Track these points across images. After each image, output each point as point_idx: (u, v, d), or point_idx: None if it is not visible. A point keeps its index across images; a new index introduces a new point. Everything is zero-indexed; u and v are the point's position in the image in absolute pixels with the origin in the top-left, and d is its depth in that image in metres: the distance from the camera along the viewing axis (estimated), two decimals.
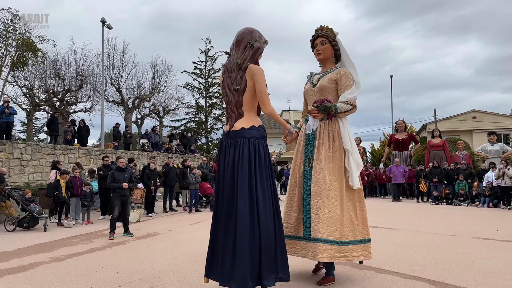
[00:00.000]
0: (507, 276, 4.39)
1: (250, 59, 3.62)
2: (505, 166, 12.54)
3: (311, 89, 4.48)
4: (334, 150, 4.16)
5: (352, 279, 4.34)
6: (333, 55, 4.47)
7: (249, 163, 3.46)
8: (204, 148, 38.19)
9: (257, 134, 3.60)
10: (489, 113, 37.47)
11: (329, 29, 4.43)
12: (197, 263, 5.26)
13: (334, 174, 4.08)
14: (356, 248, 4.02)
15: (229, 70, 3.72)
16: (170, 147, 19.78)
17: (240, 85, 3.60)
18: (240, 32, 3.78)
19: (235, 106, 3.66)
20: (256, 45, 3.67)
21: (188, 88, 38.98)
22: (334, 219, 3.94)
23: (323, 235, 3.88)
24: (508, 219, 9.62)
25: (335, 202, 3.99)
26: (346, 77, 4.24)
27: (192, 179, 12.24)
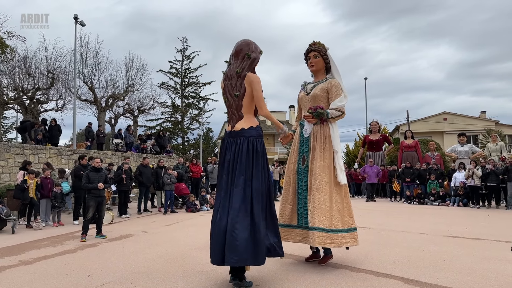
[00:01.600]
0: (476, 273, 4.51)
1: (248, 68, 4.15)
2: (474, 167, 12.94)
3: (305, 96, 5.13)
4: (325, 150, 4.81)
5: (326, 277, 4.37)
6: (324, 67, 5.14)
7: (247, 157, 3.97)
8: (180, 148, 37.84)
9: (255, 133, 4.12)
10: (459, 115, 38.67)
11: (321, 44, 5.10)
12: (171, 264, 5.18)
13: (324, 171, 4.72)
14: (344, 236, 4.66)
15: (229, 77, 4.24)
16: (145, 147, 19.47)
17: (239, 91, 4.12)
18: (238, 44, 4.30)
19: (235, 109, 4.19)
20: (253, 55, 4.20)
21: (164, 88, 38.59)
22: (324, 210, 4.59)
23: (315, 224, 4.56)
24: (477, 218, 9.92)
25: (325, 195, 4.63)
26: (336, 87, 4.92)
27: (167, 179, 12.08)
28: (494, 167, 12.47)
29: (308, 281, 4.25)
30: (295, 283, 4.20)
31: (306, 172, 4.88)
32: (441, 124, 37.63)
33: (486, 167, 12.65)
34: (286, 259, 5.29)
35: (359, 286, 4.09)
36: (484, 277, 4.34)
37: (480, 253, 5.55)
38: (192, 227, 8.91)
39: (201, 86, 40.13)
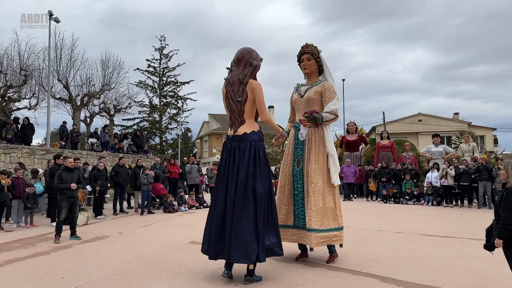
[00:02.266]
0: (449, 270, 4.62)
1: (250, 75, 4.36)
2: (447, 167, 13.27)
3: (299, 99, 5.21)
4: (319, 153, 4.95)
5: (304, 276, 4.39)
6: (317, 70, 5.21)
7: (250, 162, 4.21)
8: (158, 148, 37.40)
9: (256, 138, 4.36)
10: (433, 116, 39.63)
11: (314, 47, 5.16)
12: (148, 266, 5.10)
13: (318, 173, 4.87)
14: (337, 234, 4.89)
15: (231, 83, 4.42)
16: (122, 147, 19.13)
17: (242, 97, 4.32)
18: (240, 51, 4.50)
19: (238, 114, 4.39)
20: (254, 63, 4.43)
21: (141, 86, 38.09)
22: (318, 211, 4.76)
23: (312, 225, 4.71)
24: (450, 217, 10.17)
25: (319, 197, 4.79)
26: (330, 90, 5.01)
27: (144, 179, 11.90)
28: (467, 167, 12.81)
29: (286, 280, 4.26)
30: (273, 282, 4.20)
31: (302, 174, 4.99)
32: (416, 125, 38.46)
33: (459, 167, 12.99)
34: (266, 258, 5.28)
35: (336, 284, 4.13)
36: (457, 274, 4.45)
37: (453, 251, 5.69)
38: (169, 228, 8.80)
39: (179, 85, 39.80)
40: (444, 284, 4.08)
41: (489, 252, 3.45)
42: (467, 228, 7.88)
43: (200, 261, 5.23)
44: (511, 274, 3.30)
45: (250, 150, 4.26)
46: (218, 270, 4.75)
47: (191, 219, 10.33)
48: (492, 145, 38.87)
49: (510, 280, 3.47)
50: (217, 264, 5.04)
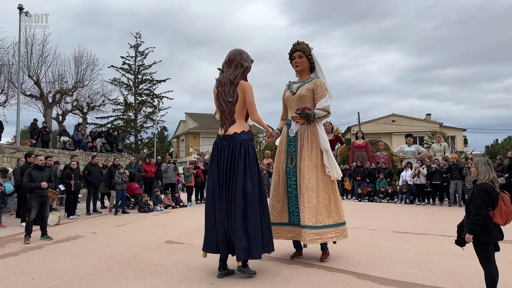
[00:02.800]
0: (422, 266, 4.73)
1: (240, 76, 4.45)
2: (420, 166, 13.61)
3: (291, 96, 5.21)
4: (312, 149, 4.95)
5: (281, 274, 4.41)
6: (308, 67, 5.23)
7: (240, 161, 4.30)
8: (133, 147, 36.77)
9: (246, 137, 4.46)
10: (406, 117, 40.55)
11: (305, 44, 5.18)
12: (122, 266, 5.01)
13: (311, 170, 4.87)
14: (330, 231, 4.84)
15: (222, 84, 4.50)
16: (95, 146, 18.70)
17: (233, 98, 4.42)
18: (231, 53, 4.58)
19: (228, 114, 4.47)
20: (245, 64, 4.51)
21: (115, 84, 37.30)
22: (311, 208, 4.76)
23: (305, 222, 4.71)
24: (422, 214, 10.43)
25: (312, 194, 4.79)
26: (321, 87, 5.05)
27: (118, 179, 11.68)
28: (438, 167, 13.16)
29: (263, 278, 4.26)
30: (249, 281, 4.20)
31: (295, 171, 4.99)
32: (389, 125, 39.27)
33: (431, 167, 13.33)
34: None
35: (312, 281, 4.16)
36: (429, 269, 4.56)
37: (425, 247, 5.83)
38: (144, 227, 8.67)
39: (155, 83, 39.21)
40: (417, 279, 4.17)
41: (460, 247, 3.54)
42: (439, 225, 8.10)
43: (176, 261, 5.17)
44: (481, 268, 3.40)
45: (240, 150, 4.34)
46: (194, 269, 4.72)
47: (167, 219, 10.21)
48: (462, 145, 40.14)
49: (479, 274, 3.59)
50: (193, 264, 5.00)
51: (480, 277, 3.46)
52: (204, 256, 4.57)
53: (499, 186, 3.50)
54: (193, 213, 11.34)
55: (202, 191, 15.36)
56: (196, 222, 9.06)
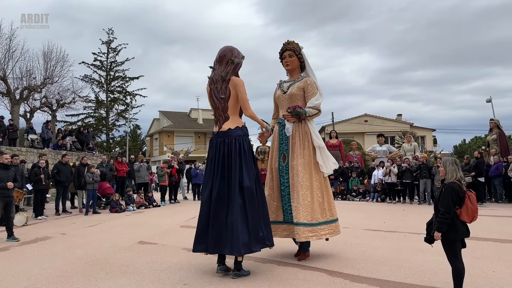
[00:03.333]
0: (392, 263, 4.84)
1: (232, 73, 4.46)
2: (391, 165, 13.92)
3: (282, 95, 5.26)
4: (304, 147, 5.00)
5: (255, 272, 4.41)
6: (299, 66, 5.28)
7: (236, 156, 4.31)
8: (105, 146, 36.00)
9: (241, 133, 4.46)
10: (378, 117, 41.42)
11: (295, 43, 5.23)
12: (93, 267, 4.89)
13: (304, 167, 4.93)
14: (323, 228, 4.90)
15: (214, 81, 4.52)
16: (65, 144, 18.19)
17: (225, 94, 4.43)
18: (222, 50, 4.59)
19: (222, 111, 4.49)
20: (236, 60, 4.51)
21: (86, 81, 36.43)
22: (306, 205, 4.80)
23: (300, 219, 4.73)
24: (393, 212, 10.68)
25: (306, 191, 4.85)
26: (312, 86, 5.10)
27: (89, 178, 11.39)
28: (409, 166, 13.50)
29: (237, 278, 4.25)
30: (223, 280, 4.18)
31: (287, 169, 5.03)
32: (362, 125, 40.01)
33: (401, 166, 13.67)
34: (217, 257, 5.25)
35: (286, 279, 4.18)
36: (399, 266, 4.67)
37: (396, 245, 5.97)
38: (116, 228, 8.50)
39: (128, 80, 38.50)
40: (388, 276, 4.26)
41: (429, 244, 3.64)
42: (409, 223, 8.31)
43: (149, 261, 5.09)
44: (448, 264, 3.51)
45: (235, 145, 4.36)
46: (167, 270, 4.66)
47: (139, 219, 10.04)
48: (431, 145, 41.33)
49: (447, 270, 3.70)
50: (166, 264, 4.94)
51: (448, 273, 3.57)
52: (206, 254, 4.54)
53: (466, 185, 3.62)
54: (167, 213, 11.21)
55: (176, 190, 15.21)
56: (170, 222, 8.96)
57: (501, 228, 7.43)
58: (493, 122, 15.13)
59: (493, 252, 5.38)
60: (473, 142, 47.83)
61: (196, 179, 15.88)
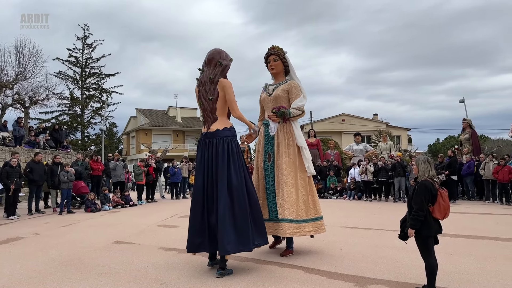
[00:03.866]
0: (368, 259, 4.93)
1: (220, 75, 4.56)
2: (367, 163, 14.15)
3: (267, 97, 5.47)
4: (289, 147, 5.21)
5: (233, 271, 4.41)
6: (283, 70, 5.52)
7: (223, 156, 4.40)
8: (80, 144, 35.22)
9: (229, 134, 4.56)
10: (355, 117, 42.05)
11: (279, 48, 5.48)
12: (67, 267, 4.79)
13: (289, 166, 5.13)
14: (307, 225, 5.10)
15: (203, 83, 4.63)
16: (38, 142, 17.71)
17: (213, 96, 4.53)
18: (210, 52, 4.70)
19: (210, 112, 4.58)
20: (224, 63, 4.62)
21: (61, 77, 35.51)
22: (291, 202, 5.00)
23: (285, 215, 4.93)
24: (369, 210, 10.86)
25: (291, 189, 5.05)
26: (296, 88, 5.34)
27: (64, 177, 11.13)
28: (384, 164, 13.76)
29: (215, 277, 4.24)
30: (201, 279, 4.17)
31: (273, 168, 5.21)
32: (339, 124, 40.52)
33: (377, 164, 13.91)
34: (194, 256, 5.23)
35: (264, 277, 4.20)
36: (375, 263, 4.76)
37: (372, 242, 6.08)
38: (91, 227, 8.34)
39: (104, 77, 37.74)
40: (364, 272, 4.34)
41: (403, 241, 3.73)
42: (384, 220, 8.46)
43: (125, 261, 5.02)
44: (422, 260, 3.59)
45: (223, 146, 4.45)
46: (144, 269, 4.61)
47: (115, 218, 9.88)
48: (406, 144, 42.20)
49: (420, 266, 3.79)
50: (143, 264, 4.88)
51: (421, 269, 3.66)
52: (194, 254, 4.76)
53: (440, 183, 3.72)
54: (144, 213, 11.07)
55: (153, 189, 15.03)
56: (147, 222, 8.86)
57: (473, 225, 7.67)
58: (465, 122, 15.59)
59: (465, 248, 5.55)
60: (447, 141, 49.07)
61: (174, 178, 15.73)
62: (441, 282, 3.79)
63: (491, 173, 12.35)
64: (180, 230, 7.50)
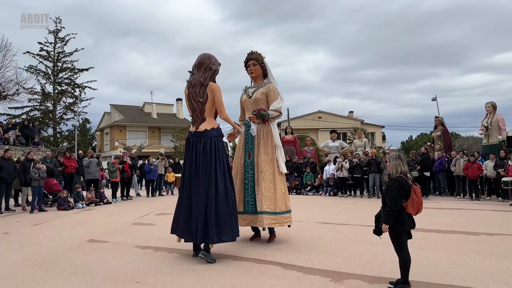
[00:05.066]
0: (343, 255, 5.00)
1: (209, 78, 4.94)
2: (343, 160, 14.36)
3: (248, 99, 5.92)
4: (267, 145, 5.67)
5: (210, 268, 4.40)
6: (262, 73, 5.98)
7: (211, 154, 4.79)
8: (52, 140, 34.29)
9: (216, 134, 4.94)
10: (331, 114, 42.58)
11: (258, 54, 5.92)
12: (39, 267, 4.66)
13: (268, 163, 5.61)
14: (286, 216, 5.66)
15: (193, 85, 4.98)
16: (7, 138, 17.11)
17: (203, 98, 4.90)
18: (200, 57, 5.06)
19: (199, 113, 4.94)
20: (213, 67, 5.00)
21: (32, 72, 34.49)
22: (269, 196, 5.49)
23: (263, 208, 5.41)
24: (345, 206, 11.02)
25: (270, 184, 5.54)
26: (274, 91, 5.82)
27: (35, 174, 10.81)
28: (359, 161, 13.99)
29: (192, 274, 4.22)
30: (178, 277, 4.13)
31: (252, 165, 5.68)
32: (316, 121, 40.94)
33: (352, 161, 14.13)
34: (171, 253, 5.19)
35: (241, 274, 4.20)
36: (350, 258, 4.84)
37: (347, 237, 6.18)
38: (64, 226, 8.13)
39: (77, 72, 36.87)
40: (339, 267, 4.40)
41: (378, 236, 3.80)
42: (359, 216, 8.62)
43: (99, 260, 4.93)
44: (396, 255, 3.68)
45: (210, 145, 4.82)
46: (119, 268, 4.54)
47: (89, 216, 9.68)
48: (381, 141, 43.07)
49: (394, 261, 3.87)
50: (118, 262, 4.81)
51: (395, 263, 3.74)
52: (178, 241, 5.06)
53: (413, 179, 3.80)
54: (118, 210, 10.88)
55: (128, 187, 14.79)
56: (122, 220, 8.72)
57: (444, 220, 7.90)
58: (437, 119, 16.00)
59: (437, 242, 5.71)
60: (419, 138, 50.35)
61: (150, 175, 15.51)
62: (414, 276, 3.88)
63: (461, 169, 12.74)
64: (156, 228, 7.41)
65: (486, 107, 14.07)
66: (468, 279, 3.95)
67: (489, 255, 4.89)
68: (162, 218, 8.73)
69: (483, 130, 14.04)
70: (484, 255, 4.92)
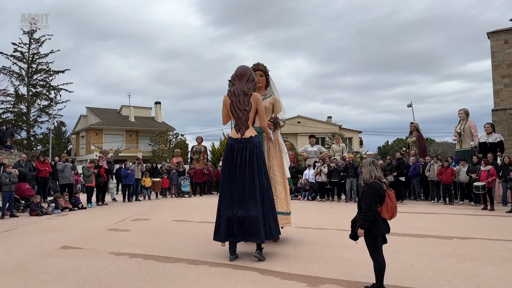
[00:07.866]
0: (320, 259, 5.04)
1: (253, 89, 5.34)
2: (321, 165, 14.48)
3: None
4: (277, 151, 6.14)
5: (187, 275, 4.36)
6: (265, 84, 6.47)
7: (258, 159, 5.19)
8: (25, 143, 33.34)
9: (258, 140, 5.38)
10: (310, 119, 42.96)
11: (264, 66, 6.50)
12: (10, 275, 4.51)
13: (278, 167, 6.08)
14: (288, 217, 6.11)
15: (236, 95, 5.28)
16: None
17: (248, 107, 5.26)
18: (242, 68, 5.43)
19: (245, 121, 5.29)
20: (255, 79, 5.43)
21: (4, 73, 33.52)
22: (282, 198, 5.98)
23: (278, 209, 5.68)
24: (322, 210, 11.11)
25: (281, 187, 6.01)
26: (279, 103, 6.38)
27: (6, 179, 10.46)
28: (337, 165, 14.13)
29: (168, 281, 4.17)
30: (153, 284, 4.08)
31: None
32: (295, 126, 41.20)
33: (330, 165, 14.26)
34: (146, 260, 5.11)
35: (218, 280, 4.17)
36: (327, 262, 4.87)
37: (324, 241, 6.22)
38: (36, 232, 7.90)
39: (52, 74, 36.02)
40: (316, 272, 4.43)
41: (354, 241, 3.85)
42: (336, 220, 8.69)
43: (73, 267, 4.81)
44: (370, 259, 3.72)
45: (256, 150, 5.20)
46: (93, 275, 4.44)
47: (63, 222, 9.43)
48: (358, 146, 43.70)
49: (370, 265, 3.92)
50: (92, 269, 4.70)
51: (371, 267, 3.78)
52: (223, 246, 5.27)
53: (388, 184, 3.87)
54: (93, 216, 10.65)
55: (104, 191, 14.47)
56: (96, 225, 8.53)
57: (419, 224, 8.05)
58: (413, 125, 16.34)
59: (411, 246, 5.81)
60: (395, 143, 51.27)
61: (127, 179, 15.22)
62: (389, 280, 3.94)
63: (435, 174, 13.02)
64: (132, 234, 7.29)
65: (459, 113, 14.45)
66: (441, 282, 4.03)
67: (461, 259, 5.01)
68: (138, 224, 8.60)
69: (456, 136, 14.41)
70: (457, 258, 5.04)
